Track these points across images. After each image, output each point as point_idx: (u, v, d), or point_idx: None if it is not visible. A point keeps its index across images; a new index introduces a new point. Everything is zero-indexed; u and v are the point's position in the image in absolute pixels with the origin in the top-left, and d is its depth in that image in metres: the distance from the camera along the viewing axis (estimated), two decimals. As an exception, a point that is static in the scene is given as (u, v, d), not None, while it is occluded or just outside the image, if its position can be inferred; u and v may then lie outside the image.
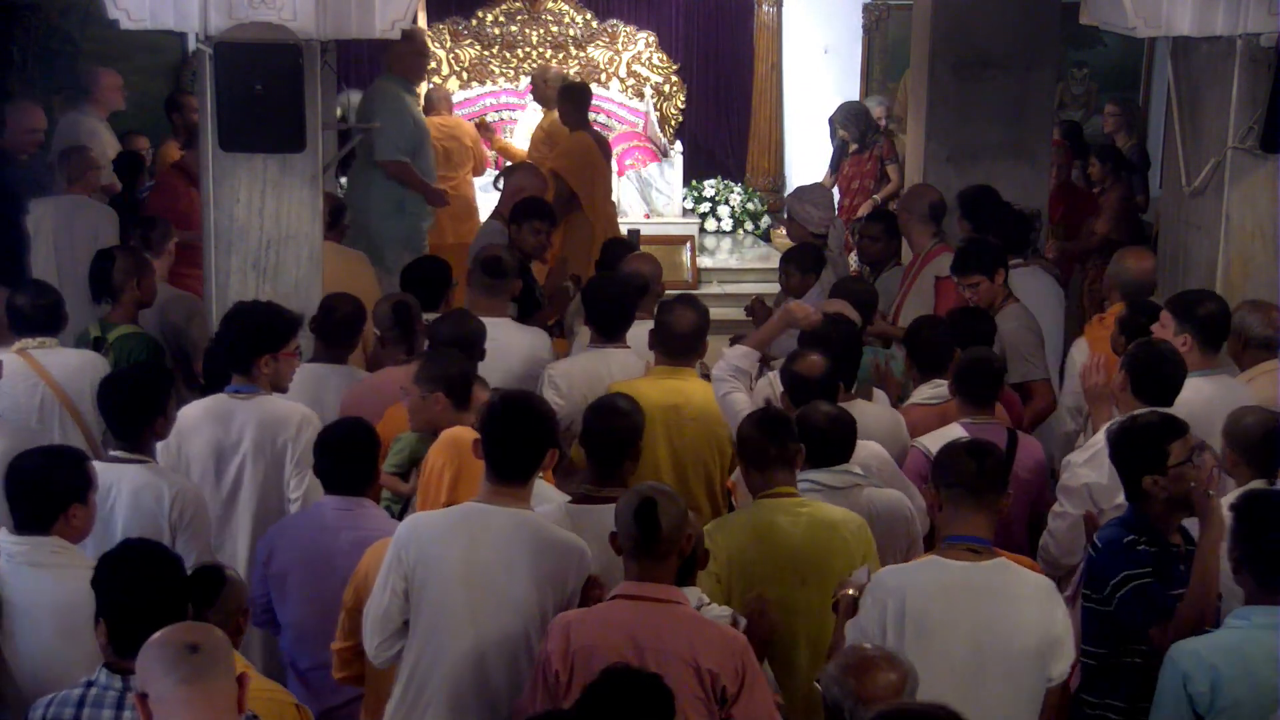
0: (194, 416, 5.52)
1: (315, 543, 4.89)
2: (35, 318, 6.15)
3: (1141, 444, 4.62)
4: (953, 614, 4.17)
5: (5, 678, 4.34)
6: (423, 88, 10.84)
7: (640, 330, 6.17)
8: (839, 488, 5.00)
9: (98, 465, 5.01)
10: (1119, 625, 4.53)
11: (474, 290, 6.61)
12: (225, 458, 5.50)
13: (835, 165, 11.28)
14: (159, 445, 5.28)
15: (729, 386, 5.53)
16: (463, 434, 4.82)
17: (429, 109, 10.52)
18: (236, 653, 4.07)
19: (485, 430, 4.43)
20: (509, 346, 6.32)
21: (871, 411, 5.74)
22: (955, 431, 5.46)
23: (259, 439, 5.48)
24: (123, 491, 4.95)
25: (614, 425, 4.82)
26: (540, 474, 4.51)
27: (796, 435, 4.85)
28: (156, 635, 3.27)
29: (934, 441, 5.33)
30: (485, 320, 6.05)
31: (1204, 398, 5.48)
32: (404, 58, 8.79)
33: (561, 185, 9.03)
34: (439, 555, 4.27)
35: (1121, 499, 4.94)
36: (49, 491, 4.43)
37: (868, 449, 5.30)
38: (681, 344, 5.84)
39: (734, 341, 5.92)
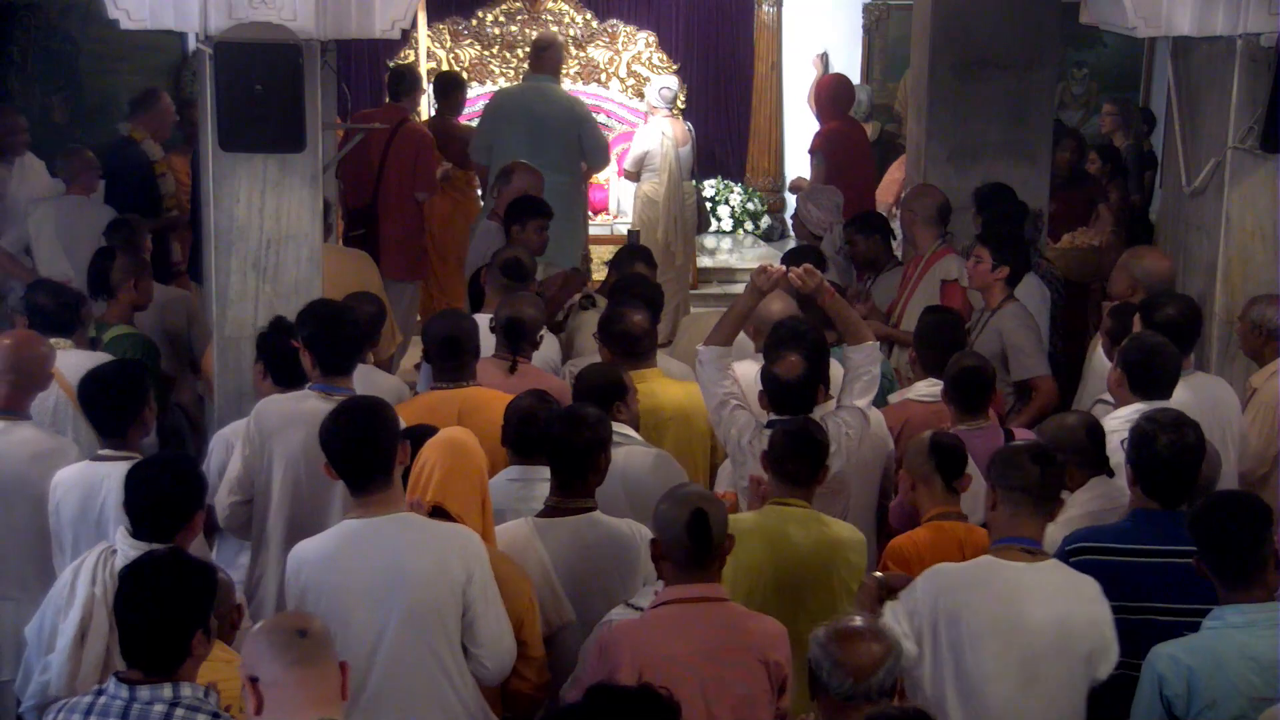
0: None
1: None
2: (52, 317, 6.14)
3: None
4: (1007, 614, 4.20)
5: None
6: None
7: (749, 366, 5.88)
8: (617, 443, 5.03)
9: (87, 465, 5.07)
10: None
11: (493, 291, 6.64)
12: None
13: None
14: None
15: (732, 402, 5.40)
16: (457, 435, 4.75)
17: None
18: (229, 648, 4.10)
19: (326, 449, 4.37)
20: None
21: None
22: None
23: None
24: (112, 490, 4.87)
25: (580, 437, 4.71)
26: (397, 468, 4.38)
27: (826, 458, 4.86)
28: (264, 622, 3.50)
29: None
30: None
31: (1179, 401, 5.41)
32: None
33: None
34: (327, 579, 4.24)
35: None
36: (179, 502, 4.45)
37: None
38: (644, 344, 5.87)
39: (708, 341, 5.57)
